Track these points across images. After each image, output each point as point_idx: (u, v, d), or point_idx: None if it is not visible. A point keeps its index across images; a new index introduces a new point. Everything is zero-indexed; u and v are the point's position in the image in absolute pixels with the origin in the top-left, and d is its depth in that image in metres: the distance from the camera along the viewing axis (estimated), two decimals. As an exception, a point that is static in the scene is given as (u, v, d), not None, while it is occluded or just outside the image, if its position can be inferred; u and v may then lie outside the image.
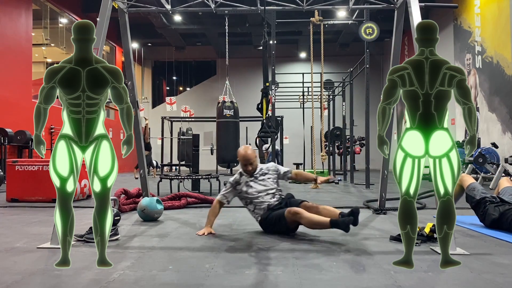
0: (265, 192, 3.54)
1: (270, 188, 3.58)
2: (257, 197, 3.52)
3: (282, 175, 3.70)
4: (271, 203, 3.50)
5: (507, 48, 10.22)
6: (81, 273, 2.27)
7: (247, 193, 3.56)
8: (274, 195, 3.56)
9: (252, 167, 3.58)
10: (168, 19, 16.63)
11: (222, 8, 5.34)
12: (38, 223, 4.02)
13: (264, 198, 3.52)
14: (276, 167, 3.74)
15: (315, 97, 11.19)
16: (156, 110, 21.87)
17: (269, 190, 3.56)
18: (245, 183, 3.58)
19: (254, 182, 3.58)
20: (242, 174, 3.64)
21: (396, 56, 4.47)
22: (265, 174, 3.63)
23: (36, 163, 5.86)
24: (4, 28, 11.26)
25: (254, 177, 3.60)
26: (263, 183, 3.58)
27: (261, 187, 3.56)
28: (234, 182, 3.64)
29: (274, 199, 3.53)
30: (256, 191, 3.54)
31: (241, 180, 3.62)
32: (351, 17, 10.39)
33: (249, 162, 3.57)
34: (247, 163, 3.56)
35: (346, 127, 11.30)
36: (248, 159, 3.56)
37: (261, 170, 3.66)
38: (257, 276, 2.23)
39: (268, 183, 3.60)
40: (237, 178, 3.65)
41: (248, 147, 3.70)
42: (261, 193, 3.53)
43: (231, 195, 3.65)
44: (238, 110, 8.50)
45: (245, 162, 3.57)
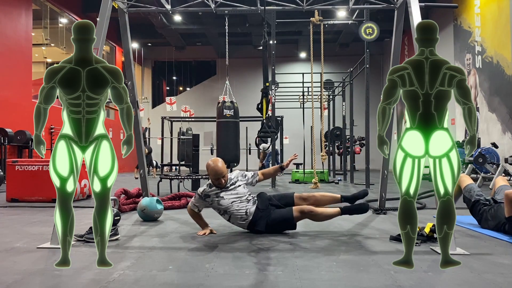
0: (238, 200, 3.46)
1: (243, 195, 3.50)
2: (232, 207, 3.44)
3: (251, 180, 3.66)
4: (250, 207, 3.43)
5: (507, 48, 10.22)
6: (81, 273, 2.27)
7: (219, 204, 3.46)
8: (248, 200, 3.49)
9: (224, 180, 3.46)
10: (168, 19, 16.63)
11: (222, 8, 5.34)
12: (38, 223, 4.02)
13: (239, 205, 3.43)
14: (243, 174, 3.68)
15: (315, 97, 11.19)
16: (156, 110, 21.87)
17: (242, 197, 3.48)
18: (216, 195, 3.47)
19: (225, 193, 3.47)
20: (211, 186, 3.52)
21: (396, 56, 4.47)
22: (235, 183, 3.54)
23: (36, 163, 5.86)
24: (4, 28, 11.26)
25: (225, 187, 3.49)
26: (234, 192, 3.49)
27: (233, 196, 3.46)
28: (202, 195, 3.51)
29: (250, 204, 3.46)
30: (230, 202, 3.44)
31: (210, 192, 3.49)
32: (351, 17, 10.38)
33: (222, 175, 3.44)
34: (219, 176, 3.43)
35: (346, 127, 11.30)
36: (220, 173, 3.43)
37: (231, 180, 3.56)
38: (257, 276, 2.23)
39: (239, 190, 3.51)
40: (206, 190, 3.52)
41: (219, 160, 3.55)
42: (235, 202, 3.44)
43: (202, 205, 3.55)
44: (238, 110, 8.49)
45: (217, 176, 3.43)
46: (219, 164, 3.47)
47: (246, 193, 3.53)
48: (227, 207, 3.45)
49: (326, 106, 13.69)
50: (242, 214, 3.43)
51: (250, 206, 3.45)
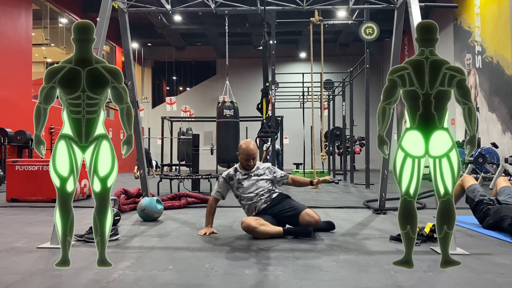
0: (254, 193, 3.45)
1: (261, 189, 3.47)
2: (248, 197, 3.45)
3: (278, 179, 3.60)
4: (260, 205, 3.42)
5: (507, 48, 10.22)
6: (81, 273, 2.27)
7: (237, 190, 3.50)
8: (265, 197, 3.45)
9: (253, 163, 3.49)
10: (168, 19, 16.63)
11: (222, 8, 5.34)
12: (38, 223, 4.02)
13: (254, 199, 3.44)
14: (273, 170, 3.63)
15: (315, 97, 11.19)
16: (156, 110, 21.88)
17: (259, 191, 3.46)
18: (238, 181, 3.50)
19: (247, 181, 3.49)
20: (237, 170, 3.55)
21: (396, 56, 4.47)
22: (260, 175, 3.53)
23: (36, 163, 5.86)
24: (4, 28, 11.26)
25: (249, 175, 3.51)
26: (255, 184, 3.48)
27: (252, 188, 3.47)
28: (227, 177, 3.55)
29: (261, 202, 3.43)
30: (246, 192, 3.46)
31: (234, 176, 3.53)
32: (351, 17, 10.39)
33: (252, 157, 3.47)
34: (250, 157, 3.46)
35: (346, 127, 11.30)
36: (251, 154, 3.46)
37: (258, 169, 3.56)
38: (257, 276, 2.23)
39: (260, 184, 3.49)
40: (231, 173, 3.56)
41: (251, 141, 3.58)
42: (251, 193, 3.45)
43: (225, 190, 3.57)
44: (238, 110, 8.49)
45: (247, 156, 3.46)
46: (250, 146, 3.49)
47: (265, 189, 3.47)
48: (241, 195, 3.48)
49: (326, 106, 13.70)
50: (251, 208, 3.45)
51: (260, 204, 3.43)
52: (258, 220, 3.22)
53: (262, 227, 3.16)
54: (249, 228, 3.16)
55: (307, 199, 5.31)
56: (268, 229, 3.17)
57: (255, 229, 3.14)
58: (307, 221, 3.22)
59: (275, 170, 3.63)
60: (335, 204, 5.48)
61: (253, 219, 3.22)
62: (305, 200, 5.63)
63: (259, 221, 3.21)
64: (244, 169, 3.53)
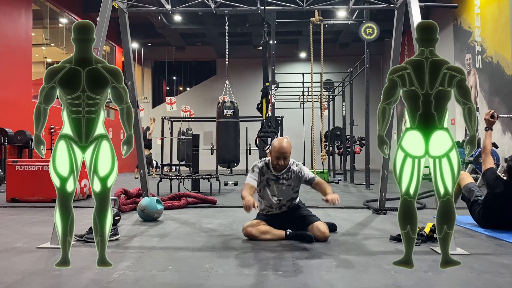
0: (277, 200, 3.30)
1: (285, 198, 3.32)
2: (270, 201, 3.32)
3: (303, 180, 3.34)
4: (274, 212, 3.35)
5: (507, 48, 10.22)
6: (81, 273, 2.27)
7: (263, 188, 3.31)
8: (283, 206, 3.34)
9: (284, 162, 3.24)
10: (168, 19, 16.63)
11: (222, 8, 5.34)
12: (38, 223, 4.02)
13: (274, 206, 3.33)
14: (302, 172, 3.34)
15: (315, 97, 11.19)
16: (156, 110, 21.87)
17: (282, 200, 3.31)
18: (266, 180, 3.30)
19: (275, 183, 3.29)
20: (268, 167, 3.31)
21: (396, 56, 4.47)
22: (288, 178, 3.30)
23: (36, 163, 5.86)
24: (4, 28, 11.26)
25: (278, 177, 3.29)
26: (280, 189, 3.29)
27: (278, 193, 3.29)
28: (260, 170, 3.30)
29: (278, 209, 3.35)
30: (272, 194, 3.30)
31: (266, 173, 3.31)
32: (351, 17, 10.39)
33: (284, 156, 3.20)
34: (281, 156, 3.20)
35: (346, 127, 11.30)
36: (283, 152, 3.20)
37: (289, 170, 3.31)
38: (257, 276, 2.23)
39: (285, 190, 3.30)
40: (264, 168, 3.31)
41: (284, 139, 3.29)
42: (274, 197, 3.30)
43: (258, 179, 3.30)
44: (238, 110, 8.50)
45: (278, 155, 3.20)
46: (283, 144, 3.23)
47: (289, 197, 3.32)
48: (263, 195, 3.33)
49: (326, 106, 13.69)
50: (265, 209, 3.36)
51: (275, 210, 3.34)
52: (259, 227, 3.16)
53: (263, 235, 3.12)
54: (250, 237, 3.14)
55: (307, 199, 5.30)
56: (269, 237, 3.13)
57: (256, 238, 3.12)
58: (316, 235, 3.09)
59: (303, 173, 3.34)
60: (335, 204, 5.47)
61: (253, 229, 3.14)
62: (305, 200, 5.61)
63: (260, 228, 3.15)
64: (275, 169, 3.30)
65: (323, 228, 3.13)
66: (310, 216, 3.28)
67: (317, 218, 3.26)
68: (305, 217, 3.26)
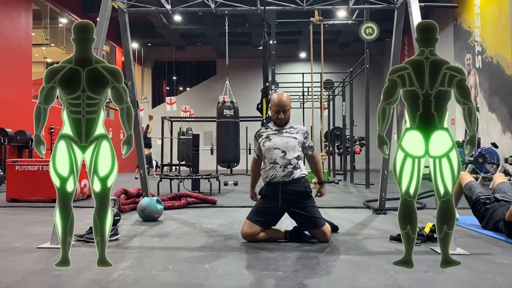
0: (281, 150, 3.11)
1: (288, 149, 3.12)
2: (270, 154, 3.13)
3: (306, 145, 3.27)
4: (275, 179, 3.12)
5: (507, 48, 10.22)
6: (81, 273, 2.27)
7: (263, 146, 3.19)
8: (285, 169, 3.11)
9: (284, 116, 3.17)
10: (168, 19, 16.63)
11: (222, 8, 5.34)
12: (38, 223, 4.02)
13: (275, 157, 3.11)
14: (306, 135, 3.26)
15: (315, 97, 11.19)
16: (156, 110, 21.87)
17: (287, 151, 3.12)
18: (267, 137, 3.20)
19: (277, 136, 3.17)
20: (268, 127, 3.27)
21: (396, 56, 4.47)
22: (291, 133, 3.19)
23: (36, 163, 5.86)
24: (4, 28, 11.26)
25: (280, 131, 3.19)
26: (284, 141, 3.14)
27: (279, 143, 3.14)
28: (257, 134, 3.28)
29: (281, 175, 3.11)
30: (274, 147, 3.14)
31: (263, 132, 3.24)
32: (351, 17, 10.39)
33: (283, 109, 3.14)
34: (281, 109, 3.14)
35: (346, 127, 11.30)
36: (283, 105, 3.14)
37: (292, 128, 3.24)
38: (257, 276, 2.23)
39: (290, 141, 3.14)
40: (261, 130, 3.28)
41: (284, 93, 3.26)
42: (276, 149, 3.12)
43: (258, 148, 3.28)
44: (238, 110, 8.50)
45: (278, 108, 3.14)
46: (283, 98, 3.18)
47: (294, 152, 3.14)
48: (265, 154, 3.18)
49: (326, 106, 13.69)
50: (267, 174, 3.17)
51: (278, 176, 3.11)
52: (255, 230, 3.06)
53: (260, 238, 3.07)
54: (247, 239, 3.09)
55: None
56: (267, 237, 3.09)
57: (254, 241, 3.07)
58: (319, 238, 3.06)
59: (307, 136, 3.28)
60: (335, 204, 5.48)
61: (250, 236, 3.06)
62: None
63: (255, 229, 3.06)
64: (275, 124, 3.24)
65: (328, 233, 3.08)
66: (317, 218, 3.10)
67: (323, 222, 3.12)
68: (311, 219, 3.08)
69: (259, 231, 3.07)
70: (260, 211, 3.14)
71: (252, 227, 3.07)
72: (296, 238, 3.10)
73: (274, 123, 3.27)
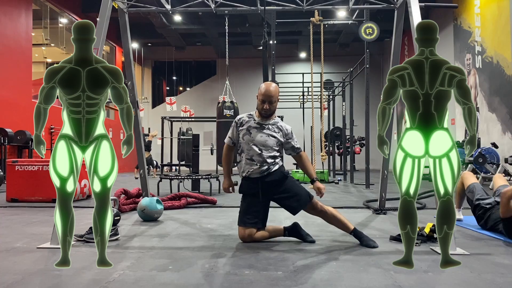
0: (257, 148, 3.06)
1: (267, 148, 3.07)
2: (248, 154, 3.08)
3: (288, 147, 3.19)
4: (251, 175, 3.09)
5: (507, 48, 10.22)
6: (81, 273, 2.27)
7: (242, 139, 3.12)
8: (262, 167, 3.07)
9: (270, 107, 3.06)
10: (168, 19, 16.63)
11: (222, 8, 5.34)
12: (38, 223, 4.02)
13: (252, 153, 3.06)
14: (290, 136, 3.18)
15: (315, 97, 11.19)
16: (156, 110, 21.88)
17: (263, 150, 3.06)
18: (247, 129, 3.11)
19: (258, 131, 3.09)
20: (251, 117, 3.17)
21: (396, 56, 4.47)
22: (274, 131, 3.12)
23: (36, 163, 5.86)
24: (4, 28, 11.26)
25: (262, 126, 3.11)
26: (263, 139, 3.08)
27: (259, 139, 3.07)
28: (239, 121, 3.18)
29: (257, 171, 3.07)
30: (251, 143, 3.06)
31: (246, 123, 3.14)
32: (351, 17, 10.39)
33: (270, 99, 3.04)
34: (267, 100, 3.03)
35: (346, 127, 11.30)
36: (270, 95, 3.03)
37: (274, 124, 3.14)
38: (257, 276, 2.23)
39: (269, 140, 3.08)
40: (244, 118, 3.17)
41: (272, 83, 3.15)
42: (255, 146, 3.06)
43: (235, 136, 3.20)
44: (238, 110, 8.49)
45: (263, 98, 3.04)
46: (271, 88, 3.07)
47: (270, 151, 3.08)
48: (242, 146, 3.13)
49: (326, 106, 13.69)
50: (243, 168, 3.13)
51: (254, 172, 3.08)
52: (250, 232, 3.05)
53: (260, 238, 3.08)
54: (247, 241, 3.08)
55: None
56: (268, 236, 3.10)
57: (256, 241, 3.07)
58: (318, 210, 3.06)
59: (291, 137, 3.19)
60: (335, 204, 5.47)
61: (248, 238, 3.04)
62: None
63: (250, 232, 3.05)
64: (260, 115, 3.14)
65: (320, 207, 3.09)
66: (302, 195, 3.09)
67: (308, 198, 3.09)
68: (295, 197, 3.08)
69: (255, 232, 3.07)
70: (247, 212, 3.10)
71: (246, 230, 3.07)
72: (295, 234, 3.13)
73: (258, 113, 3.16)
